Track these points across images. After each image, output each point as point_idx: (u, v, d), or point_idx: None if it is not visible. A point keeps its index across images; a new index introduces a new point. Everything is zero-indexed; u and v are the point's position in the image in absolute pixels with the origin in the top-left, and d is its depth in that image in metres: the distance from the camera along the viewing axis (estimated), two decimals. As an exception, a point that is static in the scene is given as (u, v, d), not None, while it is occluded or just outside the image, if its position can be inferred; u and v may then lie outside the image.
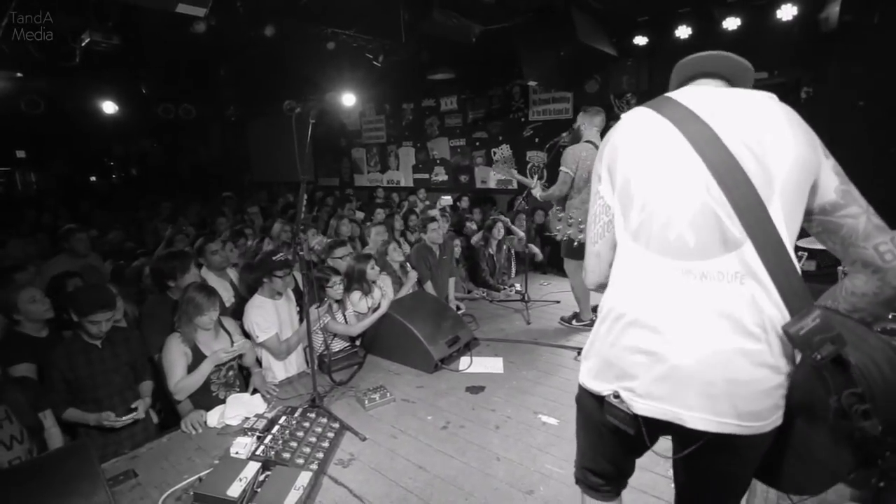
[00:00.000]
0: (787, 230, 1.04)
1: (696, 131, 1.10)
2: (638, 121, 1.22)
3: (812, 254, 4.78)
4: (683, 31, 5.16)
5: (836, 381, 0.96)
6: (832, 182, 1.07)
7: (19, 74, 6.53)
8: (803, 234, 1.10)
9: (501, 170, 3.60)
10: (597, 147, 3.71)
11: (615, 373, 1.17)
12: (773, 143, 1.05)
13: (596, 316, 1.49)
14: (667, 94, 1.23)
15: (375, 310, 3.59)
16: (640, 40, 5.50)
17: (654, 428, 1.15)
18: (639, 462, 1.75)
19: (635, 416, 1.13)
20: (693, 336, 1.07)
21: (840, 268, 2.66)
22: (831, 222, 1.08)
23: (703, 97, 1.17)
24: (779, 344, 1.03)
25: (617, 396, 1.16)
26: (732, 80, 1.26)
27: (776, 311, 1.03)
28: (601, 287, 1.33)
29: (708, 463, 1.19)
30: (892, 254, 1.02)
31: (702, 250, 1.07)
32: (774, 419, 1.06)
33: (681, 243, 1.09)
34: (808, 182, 1.07)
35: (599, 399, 1.22)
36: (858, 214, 1.06)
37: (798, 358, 1.05)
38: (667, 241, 1.10)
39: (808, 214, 1.11)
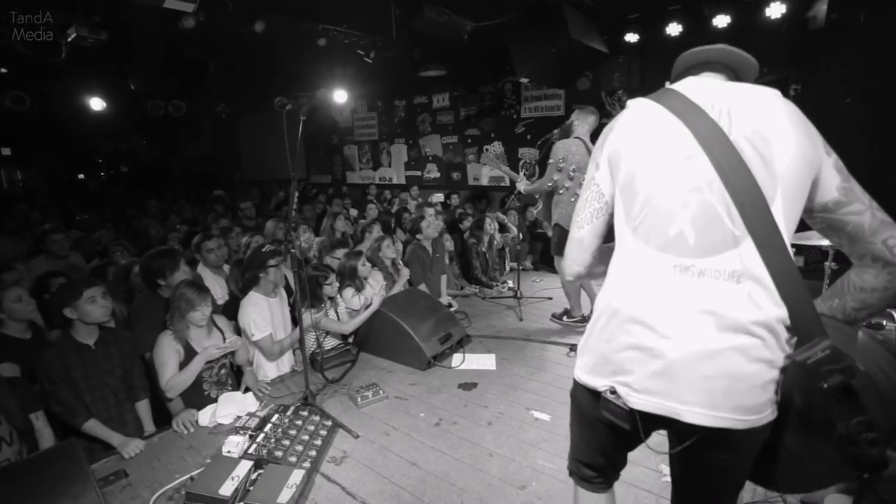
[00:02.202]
0: (787, 229, 1.05)
1: (701, 126, 1.10)
2: (642, 114, 1.21)
3: (800, 249, 4.85)
4: (674, 29, 5.20)
5: (843, 409, 0.95)
6: (834, 180, 1.07)
7: (4, 70, 6.43)
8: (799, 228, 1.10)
9: (491, 161, 3.56)
10: (586, 144, 3.73)
11: (611, 368, 1.17)
12: (775, 139, 1.06)
13: (586, 314, 1.51)
14: (670, 87, 1.22)
15: (368, 307, 3.59)
16: (632, 37, 5.53)
17: (650, 423, 1.15)
18: (629, 456, 1.77)
19: (631, 411, 1.13)
20: (688, 333, 1.07)
21: (827, 263, 2.70)
22: (836, 220, 1.08)
23: (707, 90, 1.16)
24: (773, 340, 1.03)
25: (613, 392, 1.16)
26: (737, 73, 1.25)
27: (775, 309, 1.03)
28: (579, 277, 1.34)
29: (704, 458, 1.18)
30: None
31: (701, 248, 1.07)
32: (769, 413, 1.07)
33: (681, 240, 1.09)
34: (810, 178, 1.07)
35: (595, 394, 1.22)
36: (863, 211, 1.06)
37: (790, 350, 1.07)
38: (667, 238, 1.10)
39: (810, 212, 1.11)
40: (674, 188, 1.11)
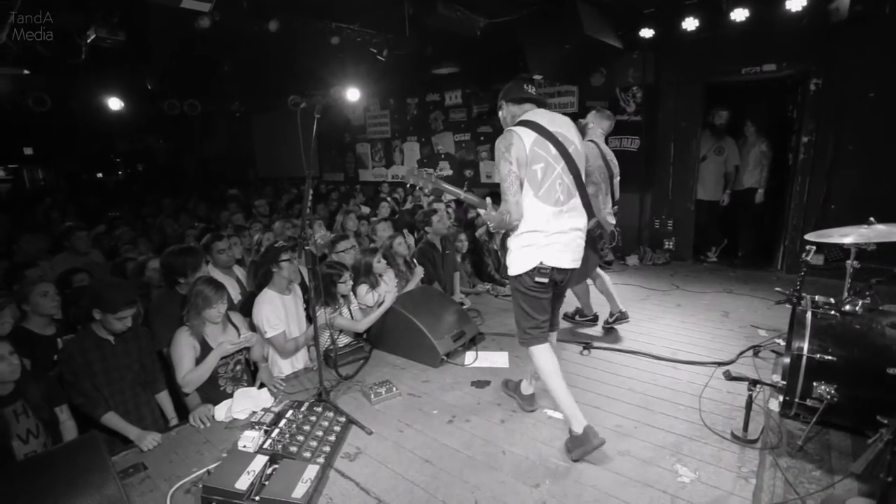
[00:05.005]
0: (584, 185, 2.46)
1: (554, 141, 2.33)
2: (527, 135, 2.31)
3: (820, 248, 4.75)
4: (690, 23, 5.09)
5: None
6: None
7: (26, 71, 6.55)
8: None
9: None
10: (599, 147, 3.69)
11: (537, 256, 2.34)
12: (578, 145, 2.44)
13: (597, 312, 4.11)
14: (531, 119, 2.36)
15: (380, 304, 3.60)
16: (647, 33, 5.44)
17: (555, 273, 2.37)
18: (645, 457, 2.33)
19: (550, 269, 2.34)
20: (566, 234, 2.36)
21: (849, 262, 2.64)
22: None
23: (548, 121, 2.37)
24: (583, 231, 2.45)
25: (541, 264, 2.33)
26: (539, 104, 2.50)
27: (586, 220, 2.46)
28: (517, 221, 2.35)
29: (562, 286, 2.56)
30: None
31: (565, 202, 2.35)
32: (580, 259, 2.47)
33: (559, 200, 2.34)
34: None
35: (530, 273, 2.36)
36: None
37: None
38: (553, 200, 2.33)
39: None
40: (553, 176, 2.32)
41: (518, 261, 2.39)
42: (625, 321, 3.93)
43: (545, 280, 2.33)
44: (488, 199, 2.45)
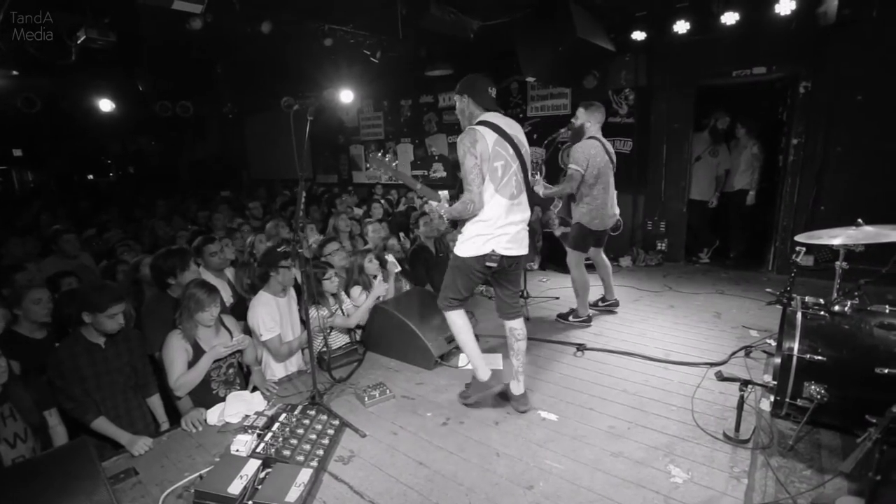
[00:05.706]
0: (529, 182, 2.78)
1: (511, 142, 2.62)
2: (489, 135, 2.57)
3: (810, 249, 4.79)
4: (682, 26, 5.14)
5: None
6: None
7: (15, 72, 6.49)
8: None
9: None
10: (602, 143, 3.73)
11: (490, 244, 2.60)
12: (526, 145, 2.72)
13: (591, 311, 4.18)
14: (490, 121, 2.62)
15: (369, 297, 3.60)
16: (638, 35, 5.48)
17: (504, 260, 2.64)
18: (638, 458, 2.31)
19: (501, 257, 2.61)
20: (514, 224, 2.64)
21: (838, 263, 2.67)
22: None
23: (505, 125, 2.64)
24: (527, 223, 2.74)
25: (493, 251, 2.60)
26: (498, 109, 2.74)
27: (528, 213, 2.75)
28: (478, 211, 2.58)
29: (512, 271, 2.78)
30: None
31: (517, 195, 2.65)
32: (527, 246, 2.76)
33: (512, 194, 2.62)
34: None
35: (480, 257, 2.62)
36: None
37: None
38: (508, 192, 2.60)
39: None
40: (510, 173, 2.60)
41: (470, 246, 2.64)
42: (615, 307, 4.33)
43: (494, 265, 2.62)
44: (443, 192, 2.75)
